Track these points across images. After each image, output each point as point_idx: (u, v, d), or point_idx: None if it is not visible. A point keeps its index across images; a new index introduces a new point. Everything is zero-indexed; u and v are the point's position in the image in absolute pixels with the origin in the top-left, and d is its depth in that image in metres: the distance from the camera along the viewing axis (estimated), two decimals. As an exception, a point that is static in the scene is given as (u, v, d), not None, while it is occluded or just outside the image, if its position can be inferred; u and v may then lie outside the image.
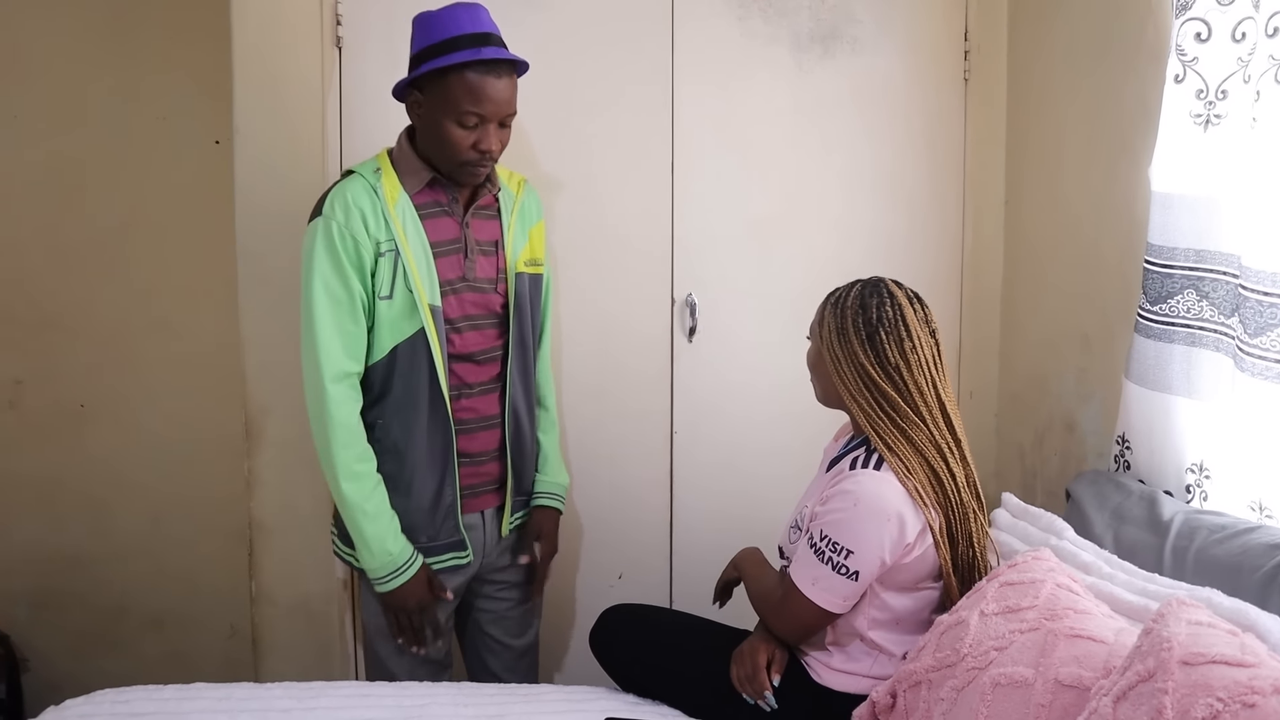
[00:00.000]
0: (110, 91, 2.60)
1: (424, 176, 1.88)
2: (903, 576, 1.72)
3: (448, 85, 1.78)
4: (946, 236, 2.63)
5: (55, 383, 2.67)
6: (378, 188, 1.84)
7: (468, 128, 1.80)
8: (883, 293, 1.74)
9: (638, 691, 1.93)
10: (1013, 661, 1.41)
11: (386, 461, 1.91)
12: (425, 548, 1.95)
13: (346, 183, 1.86)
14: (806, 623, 1.74)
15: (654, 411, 2.51)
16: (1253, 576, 1.56)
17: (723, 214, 2.50)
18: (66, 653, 2.72)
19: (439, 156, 1.86)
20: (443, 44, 1.78)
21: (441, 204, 1.91)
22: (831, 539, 1.67)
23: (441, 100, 1.79)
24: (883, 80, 2.55)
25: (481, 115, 1.80)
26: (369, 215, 1.82)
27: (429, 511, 1.95)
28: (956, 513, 1.72)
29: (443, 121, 1.80)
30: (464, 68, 1.77)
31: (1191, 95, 1.82)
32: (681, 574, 2.56)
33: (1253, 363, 1.69)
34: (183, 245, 2.65)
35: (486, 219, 1.98)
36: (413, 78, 1.82)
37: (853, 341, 1.72)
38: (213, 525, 2.68)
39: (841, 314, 1.74)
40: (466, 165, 1.84)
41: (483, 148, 1.81)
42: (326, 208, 1.82)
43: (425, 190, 1.89)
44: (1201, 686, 1.10)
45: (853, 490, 1.68)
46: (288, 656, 2.36)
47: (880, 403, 1.71)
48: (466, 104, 1.78)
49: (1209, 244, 1.83)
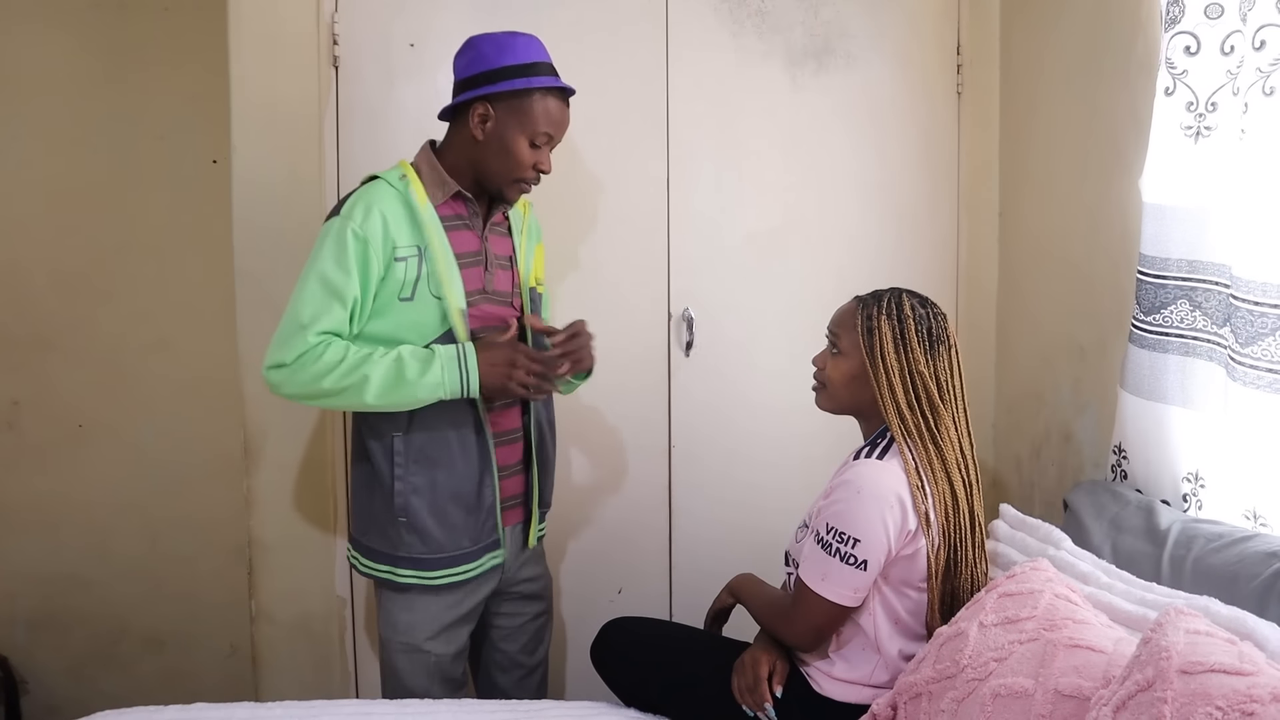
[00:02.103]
0: (108, 112, 2.62)
1: (449, 188, 1.92)
2: (906, 570, 1.72)
3: (529, 105, 1.85)
4: (941, 249, 2.65)
5: (53, 403, 2.67)
6: (407, 193, 1.88)
7: (536, 146, 1.88)
8: (929, 304, 1.79)
9: (640, 705, 1.92)
10: (1012, 672, 1.42)
11: (421, 470, 1.91)
12: (467, 552, 1.95)
13: (372, 187, 1.87)
14: (820, 622, 1.73)
15: (652, 426, 2.52)
16: (1250, 584, 1.56)
17: (719, 228, 2.52)
18: (65, 674, 2.71)
19: (496, 169, 1.89)
20: (524, 67, 1.86)
21: (463, 217, 1.94)
22: (838, 530, 1.68)
23: (518, 117, 1.86)
24: (876, 94, 2.57)
25: (551, 137, 1.89)
26: (392, 220, 1.84)
27: (470, 513, 1.95)
28: (961, 535, 1.74)
29: (515, 137, 1.86)
30: (547, 92, 1.87)
31: (1182, 107, 1.83)
32: (681, 588, 2.56)
33: (1244, 372, 1.70)
34: (181, 265, 2.66)
35: (500, 235, 2.02)
36: (489, 93, 1.85)
37: (915, 350, 1.73)
38: (212, 544, 2.68)
39: (900, 323, 1.75)
40: (521, 182, 1.91)
41: (543, 168, 1.90)
42: (346, 209, 1.84)
43: (448, 203, 1.93)
44: (1200, 695, 1.11)
45: (854, 479, 1.70)
46: (288, 675, 2.36)
47: (927, 413, 1.73)
48: (543, 125, 1.87)
49: (1201, 254, 1.84)
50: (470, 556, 1.96)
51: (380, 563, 1.96)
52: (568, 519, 2.50)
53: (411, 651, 1.98)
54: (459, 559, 1.95)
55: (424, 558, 1.93)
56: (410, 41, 2.35)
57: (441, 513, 1.92)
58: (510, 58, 1.86)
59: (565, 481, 2.48)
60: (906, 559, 1.71)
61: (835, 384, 1.81)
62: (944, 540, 1.72)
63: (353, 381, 1.79)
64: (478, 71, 1.87)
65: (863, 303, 1.80)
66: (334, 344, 1.80)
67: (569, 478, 2.47)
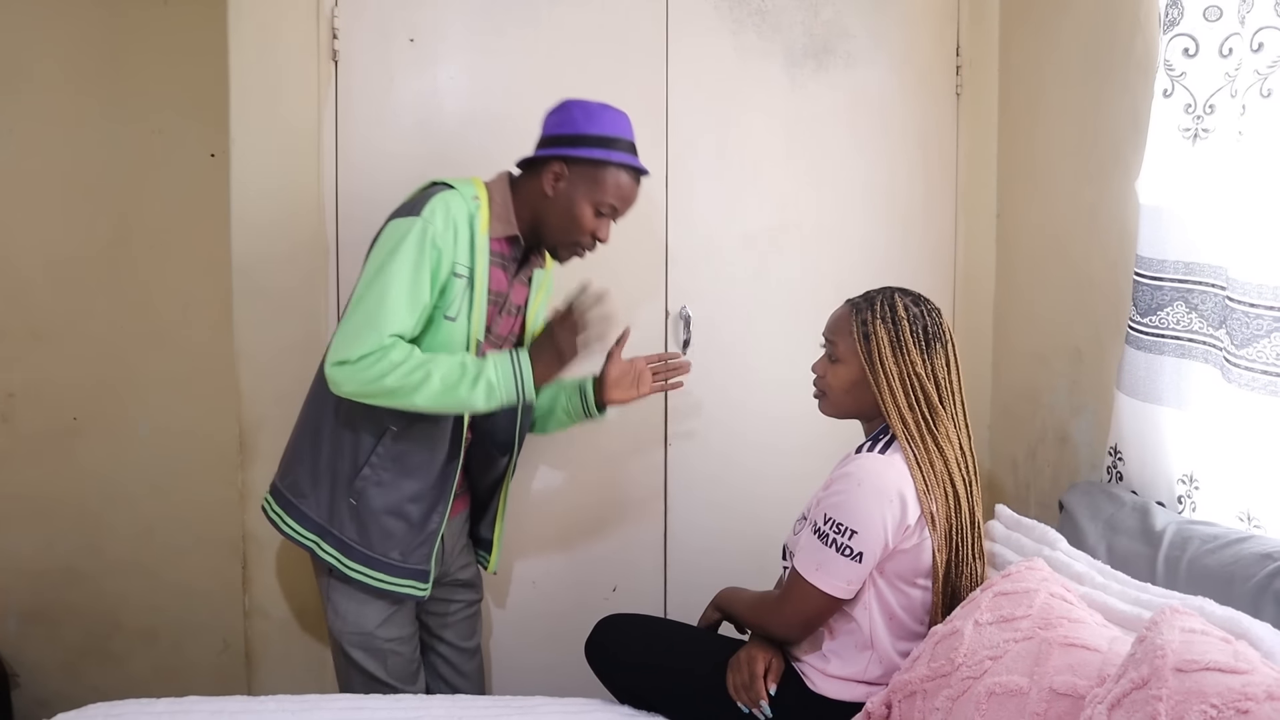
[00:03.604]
0: (106, 105, 2.61)
1: (509, 229, 1.97)
2: (902, 566, 1.72)
3: (602, 175, 1.93)
4: (939, 250, 2.65)
5: (48, 396, 2.66)
6: (475, 215, 1.91)
7: (600, 215, 1.95)
8: (922, 302, 1.79)
9: (634, 703, 1.92)
10: (1007, 670, 1.42)
11: (392, 471, 1.93)
12: (391, 564, 1.97)
13: (450, 196, 1.90)
14: (810, 613, 1.73)
15: (648, 424, 2.52)
16: (1245, 585, 1.57)
17: (717, 227, 2.52)
18: (58, 668, 2.70)
19: (557, 227, 1.96)
20: (605, 139, 1.94)
21: (504, 256, 1.99)
22: (835, 520, 1.68)
23: (589, 184, 1.93)
24: (875, 95, 2.57)
25: (616, 208, 1.96)
26: (461, 236, 1.88)
27: (412, 529, 1.97)
28: (962, 534, 1.74)
29: (582, 202, 1.93)
30: (622, 167, 1.94)
31: (1180, 109, 1.84)
32: (676, 586, 2.56)
33: (1239, 373, 1.70)
34: (177, 258, 2.66)
35: (522, 284, 2.08)
36: (569, 155, 1.92)
37: (911, 351, 1.73)
38: (206, 538, 2.67)
39: (895, 325, 1.75)
40: (577, 245, 1.98)
41: (601, 237, 1.97)
42: (427, 211, 1.85)
43: (498, 239, 1.97)
44: (1195, 693, 1.11)
45: (855, 472, 1.70)
46: (281, 670, 2.35)
47: (926, 414, 1.73)
48: (611, 196, 1.94)
49: (1197, 256, 1.84)
50: (391, 569, 1.97)
51: (309, 531, 1.96)
52: (563, 517, 2.50)
53: (366, 641, 2.00)
54: (379, 565, 1.96)
55: (351, 545, 1.95)
56: (410, 36, 2.35)
57: (391, 513, 1.95)
58: (596, 128, 1.93)
59: (560, 479, 2.48)
60: (903, 554, 1.71)
61: (836, 391, 1.81)
62: (945, 540, 1.72)
63: (415, 380, 1.81)
64: (564, 133, 1.94)
65: (856, 307, 1.80)
66: (399, 344, 1.82)
67: (564, 475, 2.47)
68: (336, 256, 2.35)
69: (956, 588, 1.74)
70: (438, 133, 2.38)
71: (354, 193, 2.34)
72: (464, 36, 2.38)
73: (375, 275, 1.83)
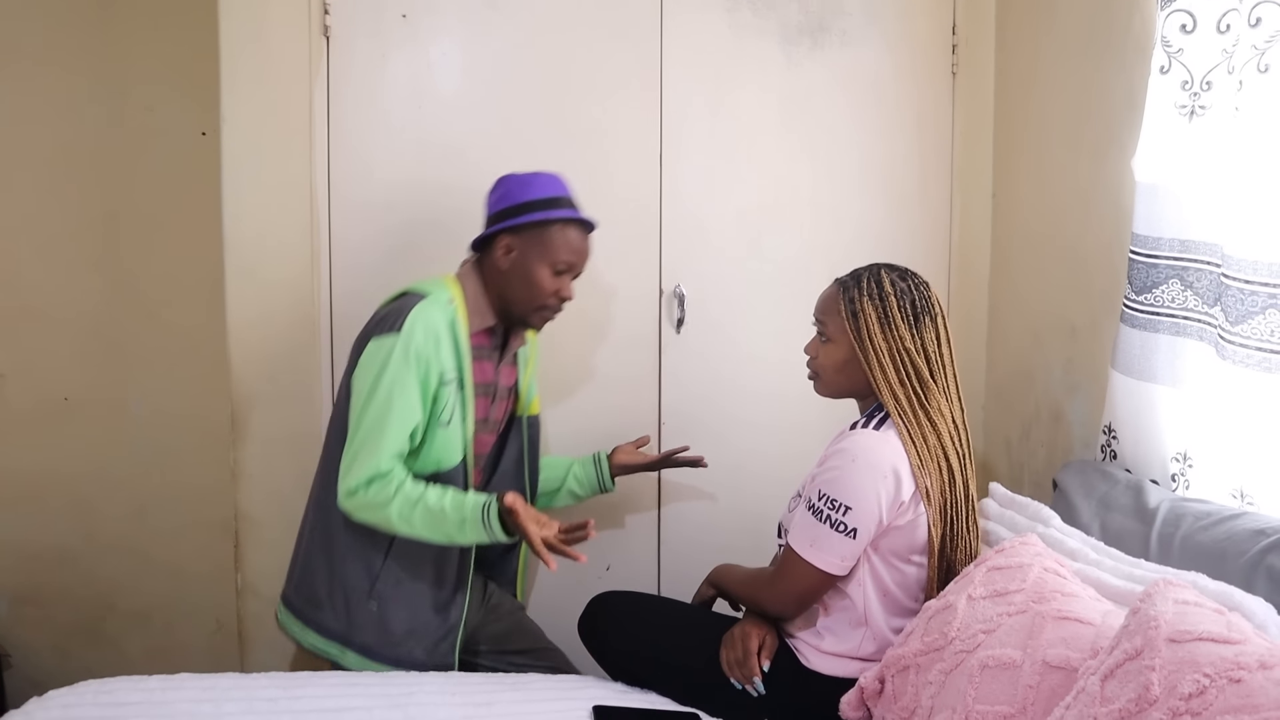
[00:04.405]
0: (96, 82, 2.58)
1: (487, 319, 2.00)
2: (897, 543, 1.72)
3: (550, 236, 1.95)
4: (934, 228, 2.64)
5: (38, 375, 2.64)
6: (455, 320, 1.93)
7: (558, 274, 1.96)
8: (909, 276, 1.79)
9: (627, 679, 1.92)
10: (1000, 644, 1.42)
11: (404, 568, 1.96)
12: (416, 661, 1.97)
13: (427, 307, 1.90)
14: (804, 589, 1.74)
15: (642, 403, 2.51)
16: (1238, 562, 1.57)
17: (711, 205, 2.50)
18: (50, 649, 2.69)
19: (520, 298, 1.97)
20: (545, 201, 1.96)
21: (486, 348, 2.03)
22: (829, 496, 1.68)
23: (539, 247, 1.95)
24: (871, 73, 2.56)
25: (572, 266, 1.98)
26: (444, 345, 1.90)
27: (434, 625, 1.99)
28: (957, 509, 1.74)
29: (537, 266, 1.95)
30: (568, 223, 1.96)
31: (1177, 86, 1.83)
32: (669, 565, 2.56)
33: (1234, 350, 1.70)
34: (168, 236, 2.63)
35: (509, 366, 2.11)
36: (514, 225, 1.94)
37: (900, 327, 1.73)
38: (199, 518, 2.66)
39: (882, 301, 1.75)
40: (544, 310, 1.99)
41: (564, 295, 1.99)
42: (406, 326, 1.86)
43: (480, 333, 1.99)
44: (1188, 663, 1.11)
45: (850, 448, 1.70)
46: (273, 649, 2.35)
47: (918, 389, 1.73)
48: (564, 254, 1.96)
49: (1193, 234, 1.84)
50: (417, 665, 1.97)
51: (332, 640, 1.99)
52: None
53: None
54: (405, 663, 1.97)
55: (374, 649, 1.97)
56: (402, 12, 2.33)
57: (411, 611, 1.97)
58: (534, 193, 1.96)
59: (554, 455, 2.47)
60: (897, 530, 1.71)
61: (828, 371, 1.81)
62: (940, 515, 1.72)
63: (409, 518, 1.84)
64: (505, 206, 1.97)
65: (843, 286, 1.80)
66: (396, 470, 1.84)
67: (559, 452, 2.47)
68: (329, 233, 2.33)
69: (951, 562, 1.74)
70: (431, 108, 2.37)
71: (347, 170, 2.33)
72: (457, 11, 2.36)
73: (368, 400, 1.85)
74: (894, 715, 1.56)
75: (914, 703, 1.51)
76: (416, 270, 2.34)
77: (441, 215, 2.34)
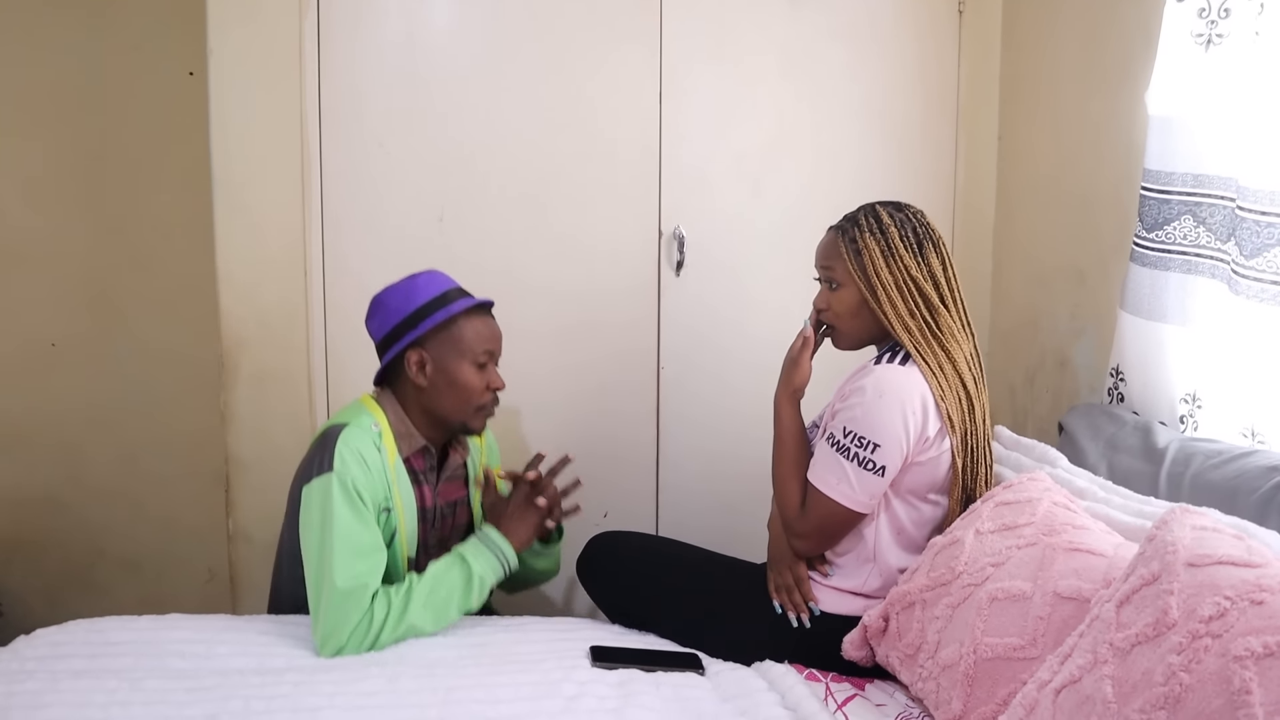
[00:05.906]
0: (80, 20, 2.52)
1: (417, 442, 1.87)
2: (917, 481, 1.70)
3: (459, 332, 1.83)
4: (938, 171, 2.59)
5: (25, 321, 2.59)
6: (381, 449, 1.82)
7: (480, 366, 1.84)
8: (904, 207, 1.76)
9: (624, 620, 1.90)
10: (1010, 576, 1.39)
11: None
12: None
13: (350, 434, 1.79)
14: (831, 528, 1.71)
15: (641, 346, 2.47)
16: (1250, 498, 1.54)
17: (712, 147, 2.45)
18: (40, 597, 2.66)
19: (452, 407, 1.85)
20: (436, 300, 1.84)
21: (422, 471, 1.90)
22: (856, 434, 1.65)
23: (454, 348, 1.83)
24: (876, 12, 2.50)
25: (492, 352, 1.87)
26: (374, 469, 1.79)
27: None
28: (976, 437, 1.71)
29: (459, 367, 1.83)
30: (470, 312, 1.84)
31: (1193, 14, 1.78)
32: (668, 511, 2.53)
33: (1247, 285, 1.67)
34: (156, 178, 2.57)
35: (448, 482, 1.96)
36: (417, 336, 1.82)
37: (904, 257, 1.70)
38: (189, 463, 2.62)
39: (883, 234, 1.72)
40: (482, 409, 1.88)
41: (495, 385, 1.87)
42: (338, 462, 1.75)
43: (412, 456, 1.88)
44: (1208, 586, 1.08)
45: (875, 384, 1.67)
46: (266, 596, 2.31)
47: (930, 319, 1.70)
48: (480, 344, 1.84)
49: (1207, 168, 1.80)
50: None
51: None
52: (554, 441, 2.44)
53: None
54: None
55: None
56: (394, -57, 2.26)
57: None
58: (421, 297, 1.84)
59: (551, 402, 2.44)
60: (919, 468, 1.68)
61: (843, 319, 1.77)
62: (963, 445, 1.69)
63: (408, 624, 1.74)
64: (394, 324, 1.84)
65: (841, 230, 1.78)
66: (378, 597, 1.73)
67: (555, 398, 2.43)
68: (320, 174, 2.28)
69: (972, 494, 1.72)
70: (423, 45, 2.30)
71: (337, 109, 2.26)
72: (450, -56, 2.30)
73: (320, 547, 1.73)
74: (899, 652, 1.53)
75: (920, 638, 1.48)
76: (410, 207, 2.29)
77: (434, 149, 2.29)
